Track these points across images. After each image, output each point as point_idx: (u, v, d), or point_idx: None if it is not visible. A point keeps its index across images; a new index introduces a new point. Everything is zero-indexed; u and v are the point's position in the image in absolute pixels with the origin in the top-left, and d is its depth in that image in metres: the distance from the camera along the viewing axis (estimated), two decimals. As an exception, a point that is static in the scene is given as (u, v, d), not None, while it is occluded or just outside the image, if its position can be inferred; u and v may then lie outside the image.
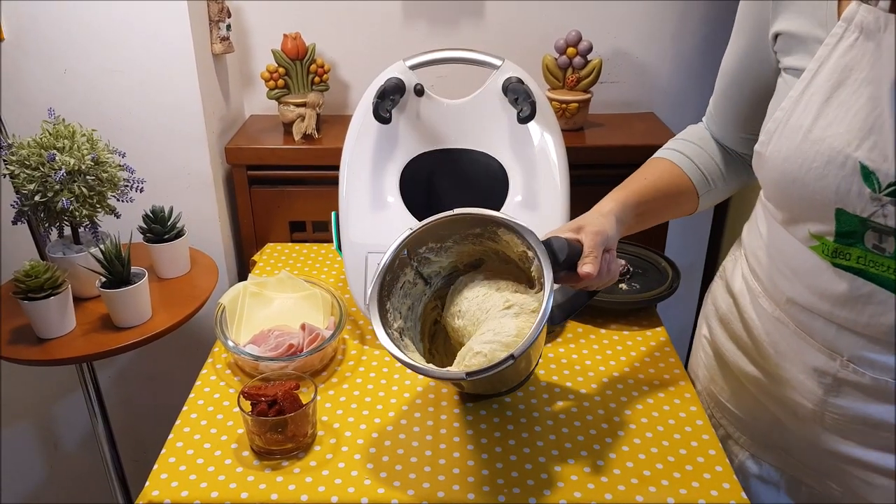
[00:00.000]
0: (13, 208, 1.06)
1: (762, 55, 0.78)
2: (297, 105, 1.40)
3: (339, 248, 1.08)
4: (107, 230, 1.14)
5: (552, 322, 0.85)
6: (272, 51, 1.38)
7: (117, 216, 1.13)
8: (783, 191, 0.72)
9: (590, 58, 1.39)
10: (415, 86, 1.07)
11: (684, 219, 1.09)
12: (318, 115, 1.41)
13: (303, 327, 1.00)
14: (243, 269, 1.50)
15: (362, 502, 0.77)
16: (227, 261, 1.43)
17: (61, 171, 1.02)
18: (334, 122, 1.48)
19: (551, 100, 1.36)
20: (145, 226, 1.18)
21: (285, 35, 1.38)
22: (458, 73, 1.16)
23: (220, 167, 1.38)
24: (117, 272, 1.05)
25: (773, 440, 0.86)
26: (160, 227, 1.18)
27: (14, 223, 1.08)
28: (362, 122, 1.07)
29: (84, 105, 1.25)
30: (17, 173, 1.03)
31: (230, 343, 0.97)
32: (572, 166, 1.07)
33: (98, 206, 1.08)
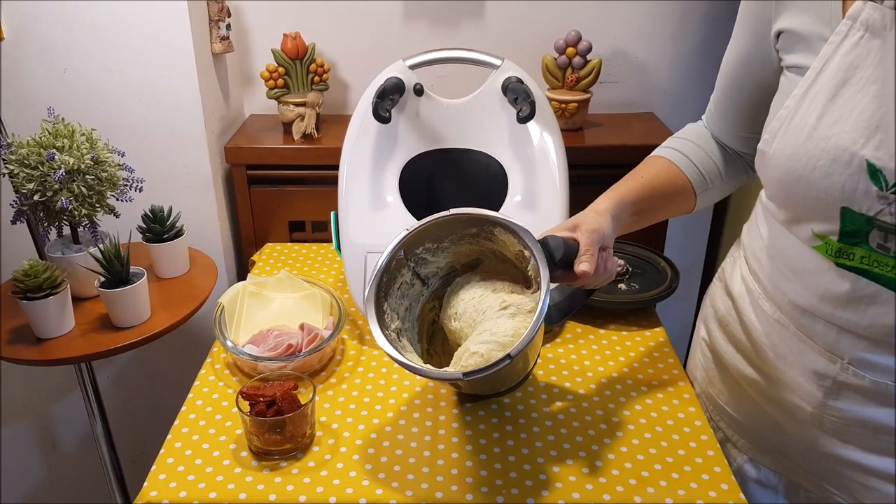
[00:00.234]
0: (12, 208, 1.06)
1: (764, 53, 0.77)
2: (297, 105, 1.40)
3: (338, 247, 1.08)
4: (106, 230, 1.13)
5: (550, 322, 0.85)
6: (272, 50, 1.38)
7: (116, 216, 1.13)
8: (787, 189, 0.71)
9: (589, 58, 1.39)
10: (414, 85, 1.07)
11: (683, 219, 1.09)
12: (318, 115, 1.41)
13: (302, 327, 1.00)
14: (242, 269, 1.50)
15: (360, 503, 0.77)
16: (227, 261, 1.43)
17: (60, 171, 1.02)
18: (334, 122, 1.48)
19: (551, 100, 1.36)
20: (144, 225, 1.18)
21: (285, 34, 1.38)
22: (457, 72, 1.16)
23: (220, 167, 1.38)
24: (116, 272, 1.05)
25: (771, 443, 0.86)
26: (159, 227, 1.18)
27: (13, 223, 1.08)
28: (362, 121, 1.07)
29: (83, 104, 1.25)
30: (16, 172, 1.03)
31: (229, 343, 0.97)
32: (572, 166, 1.07)
33: (97, 205, 1.08)
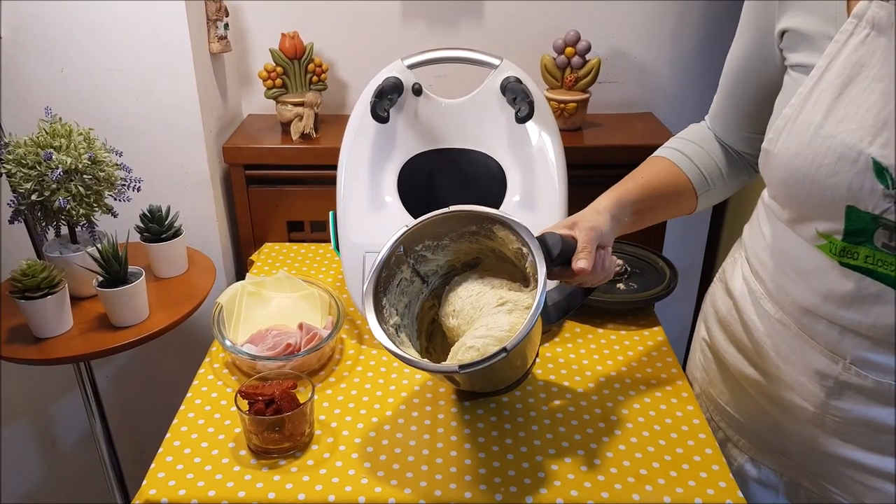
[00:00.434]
0: (10, 207, 1.06)
1: (767, 53, 0.77)
2: (295, 104, 1.40)
3: (336, 247, 1.08)
4: (104, 229, 1.13)
5: (549, 321, 0.85)
6: (270, 50, 1.38)
7: (114, 215, 1.13)
8: (792, 188, 0.71)
9: (588, 58, 1.39)
10: (413, 85, 1.07)
11: (682, 219, 1.09)
12: (316, 115, 1.41)
13: (300, 327, 1.00)
14: (241, 269, 1.50)
15: (359, 501, 0.77)
16: (225, 260, 1.43)
17: (58, 170, 1.02)
18: (332, 122, 1.48)
19: (550, 100, 1.36)
20: (142, 225, 1.18)
21: (283, 34, 1.38)
22: (456, 72, 1.16)
23: (218, 166, 1.38)
24: (114, 271, 1.05)
25: (772, 443, 0.86)
26: (157, 227, 1.18)
27: (11, 222, 1.08)
28: (360, 121, 1.07)
29: (81, 104, 1.25)
30: (13, 172, 1.03)
31: (228, 342, 0.97)
32: (570, 166, 1.07)
33: (95, 205, 1.08)
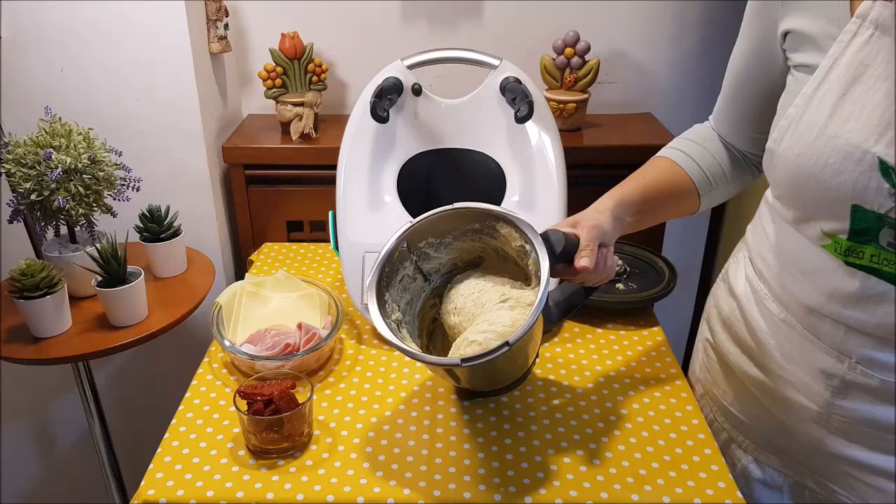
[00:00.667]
0: (9, 207, 1.06)
1: (770, 54, 0.77)
2: (295, 104, 1.40)
3: (336, 247, 1.08)
4: (103, 229, 1.13)
5: (550, 320, 0.85)
6: (270, 50, 1.38)
7: (114, 215, 1.13)
8: (797, 188, 0.71)
9: (587, 58, 1.39)
10: (412, 85, 1.07)
11: (682, 219, 1.09)
12: (316, 115, 1.41)
13: (299, 327, 1.00)
14: (240, 269, 1.50)
15: (358, 501, 0.77)
16: (224, 260, 1.43)
17: (57, 170, 1.02)
18: (332, 122, 1.48)
19: (549, 100, 1.36)
20: (142, 225, 1.18)
21: (283, 34, 1.38)
22: (455, 72, 1.16)
23: (218, 166, 1.38)
24: (113, 271, 1.05)
25: (776, 444, 0.86)
26: (157, 227, 1.18)
27: (10, 222, 1.08)
28: (360, 121, 1.07)
29: (81, 103, 1.25)
30: (13, 172, 1.03)
31: (227, 342, 0.97)
32: (570, 167, 1.07)
33: (94, 205, 1.08)
